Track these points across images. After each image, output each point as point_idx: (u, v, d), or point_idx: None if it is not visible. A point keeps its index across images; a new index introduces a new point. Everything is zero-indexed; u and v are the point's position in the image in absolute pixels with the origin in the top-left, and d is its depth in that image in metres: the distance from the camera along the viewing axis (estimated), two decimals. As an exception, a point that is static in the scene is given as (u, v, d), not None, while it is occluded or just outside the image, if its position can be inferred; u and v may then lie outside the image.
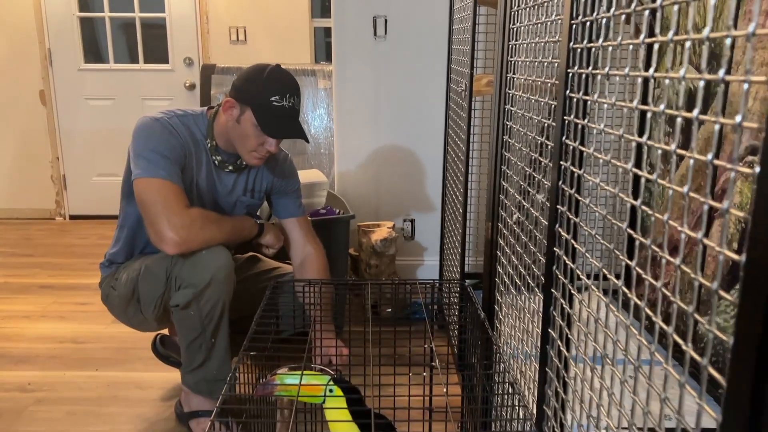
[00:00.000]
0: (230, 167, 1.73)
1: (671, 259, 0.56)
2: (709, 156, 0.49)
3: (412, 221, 2.91)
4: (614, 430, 0.69)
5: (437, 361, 1.28)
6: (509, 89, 1.34)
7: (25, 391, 1.95)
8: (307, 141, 1.68)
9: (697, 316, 0.52)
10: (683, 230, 0.53)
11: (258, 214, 1.93)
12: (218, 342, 1.60)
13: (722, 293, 0.48)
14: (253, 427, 1.56)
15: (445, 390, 1.23)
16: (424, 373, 1.68)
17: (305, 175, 2.51)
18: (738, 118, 0.44)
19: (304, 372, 1.15)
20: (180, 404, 1.79)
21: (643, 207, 0.61)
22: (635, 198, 0.63)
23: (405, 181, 2.85)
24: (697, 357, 0.51)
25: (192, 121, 1.69)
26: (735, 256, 0.45)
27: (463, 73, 2.02)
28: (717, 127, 0.49)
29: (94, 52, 4.08)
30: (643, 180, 0.62)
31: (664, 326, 0.57)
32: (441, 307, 2.40)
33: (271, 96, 1.58)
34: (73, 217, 4.18)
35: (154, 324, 1.76)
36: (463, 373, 1.61)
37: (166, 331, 2.06)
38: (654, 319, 0.58)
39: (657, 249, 0.59)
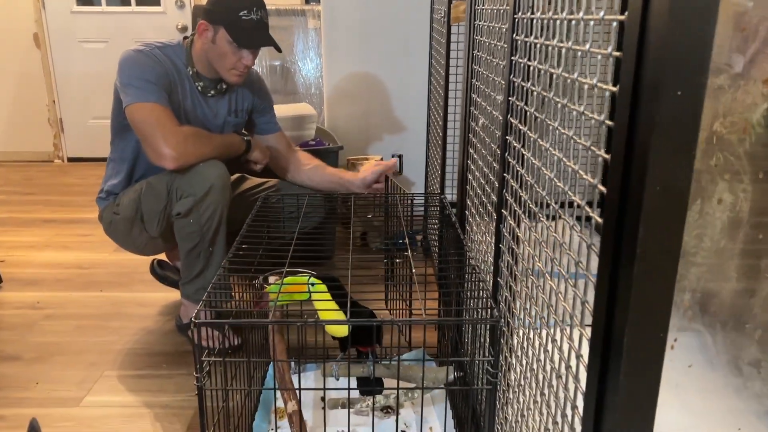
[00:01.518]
0: (212, 92, 1.86)
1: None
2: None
3: (401, 156, 3.01)
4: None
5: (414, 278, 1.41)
6: (477, 20, 1.42)
7: (35, 308, 2.10)
8: (279, 50, 1.81)
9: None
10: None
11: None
12: (216, 251, 1.73)
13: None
14: (247, 332, 1.71)
15: (423, 298, 1.35)
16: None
17: (294, 108, 2.60)
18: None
19: (286, 278, 1.27)
20: (180, 317, 1.93)
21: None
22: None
23: (393, 116, 2.94)
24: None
25: (172, 51, 1.80)
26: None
27: (442, 0, 2.10)
28: None
29: (85, -6, 4.09)
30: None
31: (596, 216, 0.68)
32: (426, 235, 2.53)
33: (239, 11, 1.70)
34: (71, 160, 4.27)
35: (159, 242, 1.88)
36: (440, 282, 1.75)
37: (163, 257, 2.19)
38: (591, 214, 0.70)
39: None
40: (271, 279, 1.54)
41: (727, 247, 1.48)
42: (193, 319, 0.96)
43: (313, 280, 1.26)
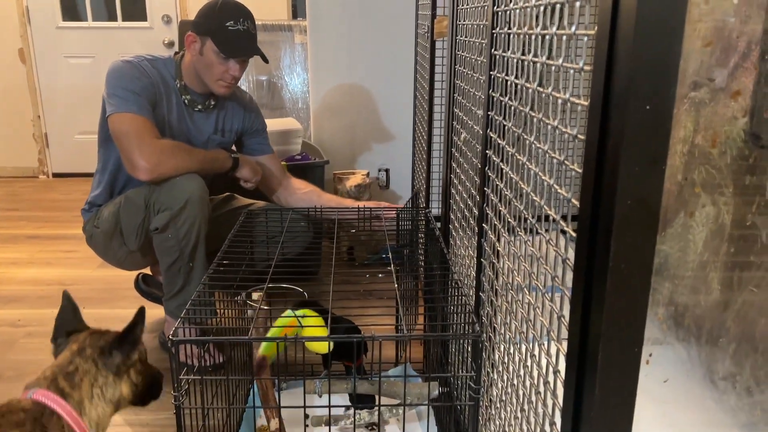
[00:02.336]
0: (199, 106, 1.85)
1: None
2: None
3: (387, 170, 3.02)
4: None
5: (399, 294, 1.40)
6: (458, 36, 1.42)
7: (16, 326, 2.06)
8: (266, 61, 1.81)
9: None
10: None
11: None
12: (196, 266, 1.71)
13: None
14: (230, 349, 1.69)
15: (408, 311, 1.35)
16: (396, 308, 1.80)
17: (280, 123, 2.60)
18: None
19: (273, 326, 1.22)
20: (163, 333, 1.90)
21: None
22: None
23: (379, 130, 2.94)
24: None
25: (161, 64, 1.80)
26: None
27: (426, 16, 2.11)
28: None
29: (72, 9, 4.08)
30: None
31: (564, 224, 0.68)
32: (412, 249, 2.53)
33: (225, 22, 1.71)
34: (56, 175, 4.24)
35: (138, 256, 1.86)
36: (425, 296, 1.74)
37: (148, 271, 2.17)
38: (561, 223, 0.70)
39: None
40: (255, 296, 1.53)
41: (709, 260, 1.48)
42: (169, 337, 0.95)
43: (300, 312, 1.23)
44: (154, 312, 2.14)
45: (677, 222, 1.54)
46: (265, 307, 1.41)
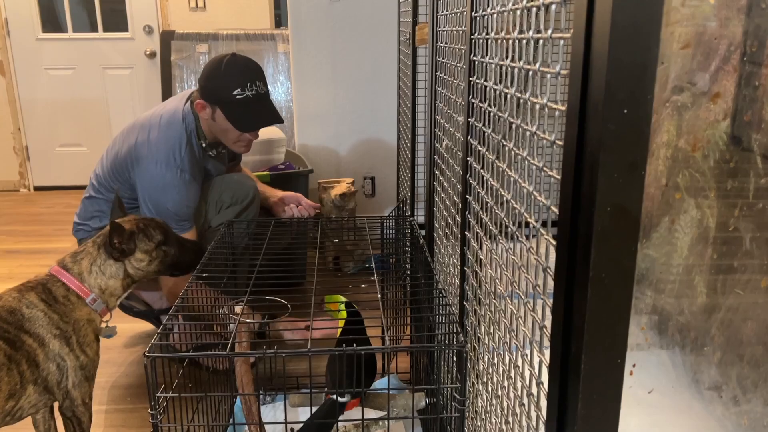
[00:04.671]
0: (214, 151, 1.88)
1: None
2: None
3: (372, 179, 3.00)
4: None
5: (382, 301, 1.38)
6: (439, 42, 1.42)
7: (-6, 343, 2.02)
8: (282, 121, 1.79)
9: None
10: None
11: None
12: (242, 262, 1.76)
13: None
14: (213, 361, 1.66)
15: (395, 322, 1.33)
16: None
17: (263, 133, 2.58)
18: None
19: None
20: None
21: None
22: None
23: (364, 138, 2.93)
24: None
25: (193, 137, 1.78)
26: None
27: (407, 23, 2.10)
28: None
29: (52, 21, 4.04)
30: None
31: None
32: (397, 258, 2.51)
33: (233, 90, 1.66)
34: (37, 188, 4.18)
35: None
36: (411, 307, 1.72)
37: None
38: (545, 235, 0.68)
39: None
40: (237, 309, 1.50)
41: (694, 264, 1.48)
42: (145, 353, 0.92)
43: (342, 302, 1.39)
44: (135, 326, 2.10)
45: (661, 227, 1.54)
46: (247, 320, 1.39)
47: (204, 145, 1.80)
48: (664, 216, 1.57)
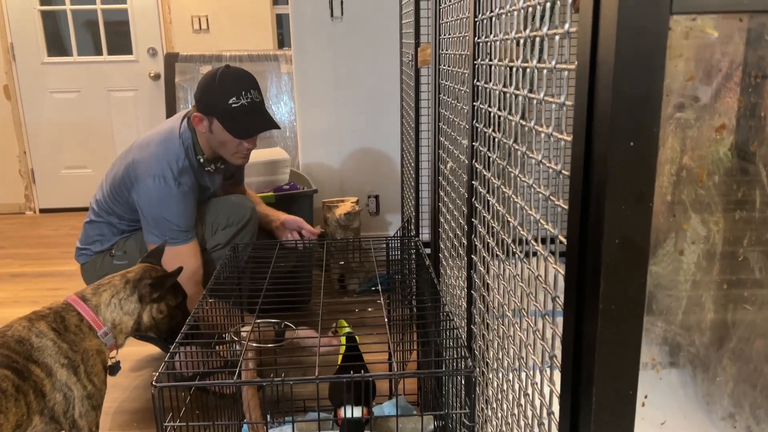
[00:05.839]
0: (213, 166, 1.88)
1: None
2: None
3: (377, 197, 3.01)
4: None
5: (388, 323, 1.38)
6: (441, 65, 1.42)
7: (0, 369, 2.01)
8: (278, 128, 1.80)
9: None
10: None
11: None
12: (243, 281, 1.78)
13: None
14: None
15: (402, 347, 1.33)
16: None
17: (268, 153, 2.59)
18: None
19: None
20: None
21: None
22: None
23: (367, 157, 2.94)
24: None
25: (190, 152, 1.80)
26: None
27: (410, 44, 2.11)
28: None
29: (57, 45, 4.09)
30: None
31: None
32: (404, 277, 2.50)
33: (228, 99, 1.68)
34: (43, 211, 4.20)
35: None
36: (418, 331, 1.72)
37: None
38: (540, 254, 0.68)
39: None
40: (243, 333, 1.50)
41: (702, 280, 1.47)
42: (152, 383, 0.92)
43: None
44: (141, 349, 2.10)
45: (668, 243, 1.53)
46: (254, 344, 1.38)
47: (202, 160, 1.81)
48: (670, 232, 1.56)
